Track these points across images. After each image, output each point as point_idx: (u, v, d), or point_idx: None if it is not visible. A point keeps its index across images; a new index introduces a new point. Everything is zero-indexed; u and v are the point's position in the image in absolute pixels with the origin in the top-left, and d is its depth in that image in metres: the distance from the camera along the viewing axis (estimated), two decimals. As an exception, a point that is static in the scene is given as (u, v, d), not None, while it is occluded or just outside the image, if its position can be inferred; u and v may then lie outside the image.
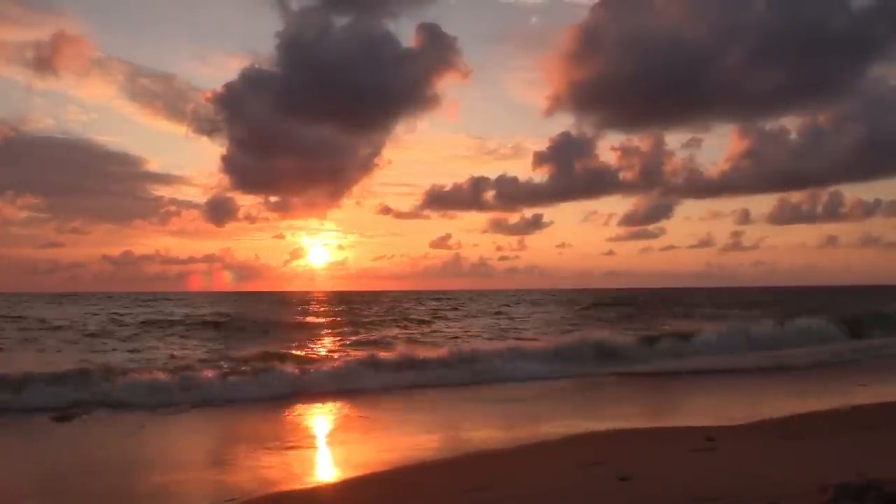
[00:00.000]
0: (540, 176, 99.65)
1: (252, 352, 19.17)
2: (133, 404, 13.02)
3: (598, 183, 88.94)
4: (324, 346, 24.70)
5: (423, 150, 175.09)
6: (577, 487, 6.78)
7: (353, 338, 27.55)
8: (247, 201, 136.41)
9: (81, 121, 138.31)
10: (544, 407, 13.87)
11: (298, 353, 20.84)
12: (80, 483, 8.09)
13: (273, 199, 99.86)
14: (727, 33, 57.41)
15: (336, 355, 20.12)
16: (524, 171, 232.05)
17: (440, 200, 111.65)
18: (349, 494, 7.27)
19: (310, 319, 41.60)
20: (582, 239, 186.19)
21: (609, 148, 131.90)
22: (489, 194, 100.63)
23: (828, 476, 5.74)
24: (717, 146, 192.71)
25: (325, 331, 31.50)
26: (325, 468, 8.86)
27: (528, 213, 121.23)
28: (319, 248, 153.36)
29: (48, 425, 11.56)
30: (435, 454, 9.05)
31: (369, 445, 10.04)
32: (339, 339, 27.46)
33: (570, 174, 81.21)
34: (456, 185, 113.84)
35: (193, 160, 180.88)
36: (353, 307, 59.37)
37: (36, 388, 13.20)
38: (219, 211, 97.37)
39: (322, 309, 55.43)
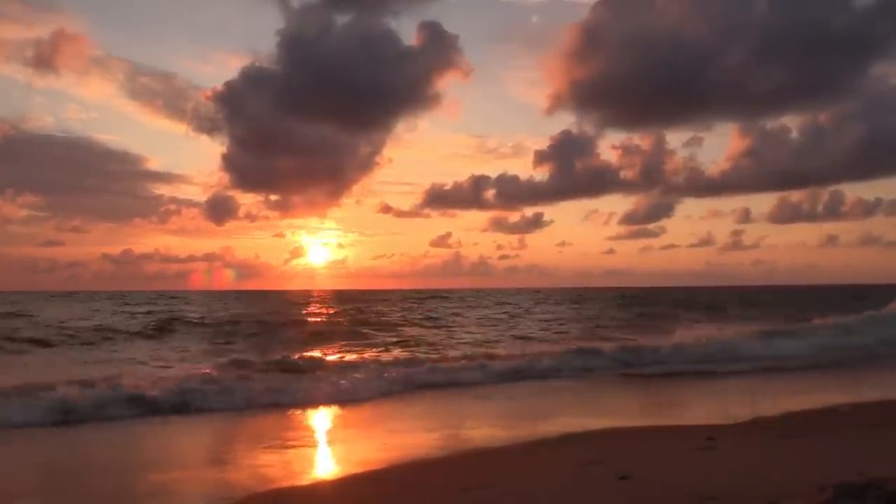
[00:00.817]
0: (540, 175, 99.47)
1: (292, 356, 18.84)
2: (134, 406, 12.94)
3: (599, 182, 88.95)
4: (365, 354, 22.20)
5: (423, 149, 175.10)
6: (577, 486, 6.77)
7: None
8: (247, 200, 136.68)
9: (81, 119, 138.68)
10: (544, 405, 13.86)
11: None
12: (80, 482, 8.08)
13: (273, 197, 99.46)
14: (728, 32, 57.36)
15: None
16: (525, 169, 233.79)
17: (440, 199, 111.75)
18: (348, 492, 7.25)
19: (331, 320, 40.55)
20: (582, 238, 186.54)
21: (610, 147, 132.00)
22: (490, 193, 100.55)
23: (829, 475, 5.71)
24: (717, 145, 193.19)
25: (360, 334, 29.92)
26: (325, 466, 8.84)
27: (529, 211, 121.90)
28: (319, 246, 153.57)
29: (47, 425, 11.53)
30: (435, 452, 9.03)
31: (369, 443, 10.02)
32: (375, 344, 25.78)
33: (571, 173, 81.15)
34: (456, 184, 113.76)
35: (193, 159, 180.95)
36: (367, 307, 58.55)
37: (38, 390, 13.11)
38: (219, 209, 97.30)
39: (336, 309, 54.52)
